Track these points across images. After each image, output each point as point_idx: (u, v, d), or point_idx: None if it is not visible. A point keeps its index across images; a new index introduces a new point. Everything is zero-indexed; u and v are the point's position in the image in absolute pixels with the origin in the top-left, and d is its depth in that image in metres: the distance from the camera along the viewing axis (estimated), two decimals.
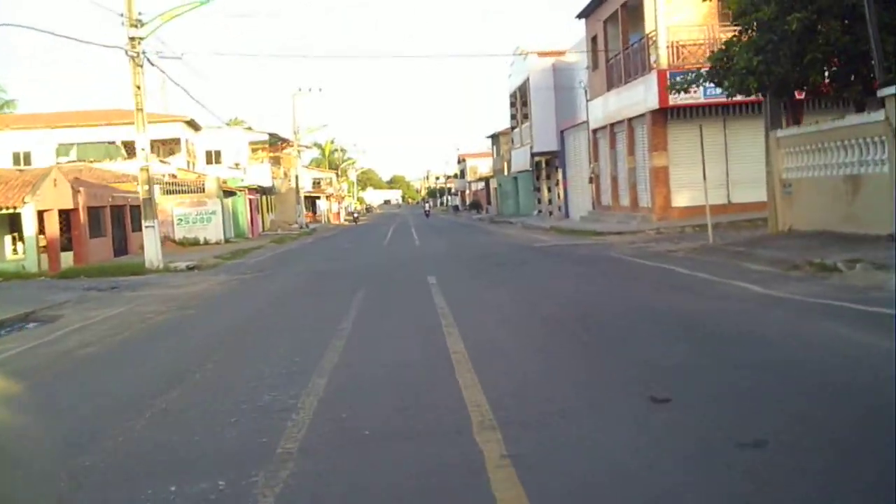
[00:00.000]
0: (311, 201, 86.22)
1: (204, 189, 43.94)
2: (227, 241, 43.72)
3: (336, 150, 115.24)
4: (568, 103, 42.95)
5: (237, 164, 57.31)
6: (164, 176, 44.08)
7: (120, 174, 43.77)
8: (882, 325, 8.40)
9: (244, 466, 5.11)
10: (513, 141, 55.15)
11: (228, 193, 47.15)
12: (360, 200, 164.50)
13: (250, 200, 51.75)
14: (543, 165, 50.11)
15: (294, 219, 73.14)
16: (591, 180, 38.22)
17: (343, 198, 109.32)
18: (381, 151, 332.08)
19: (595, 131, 37.32)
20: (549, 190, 50.01)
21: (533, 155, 46.90)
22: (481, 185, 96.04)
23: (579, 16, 37.61)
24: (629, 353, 7.99)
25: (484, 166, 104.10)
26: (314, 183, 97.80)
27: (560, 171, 45.25)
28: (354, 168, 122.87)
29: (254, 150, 64.30)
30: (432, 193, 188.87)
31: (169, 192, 43.48)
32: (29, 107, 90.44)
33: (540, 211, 52.60)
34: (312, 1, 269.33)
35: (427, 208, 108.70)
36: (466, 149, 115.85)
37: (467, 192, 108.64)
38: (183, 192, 43.76)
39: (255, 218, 52.86)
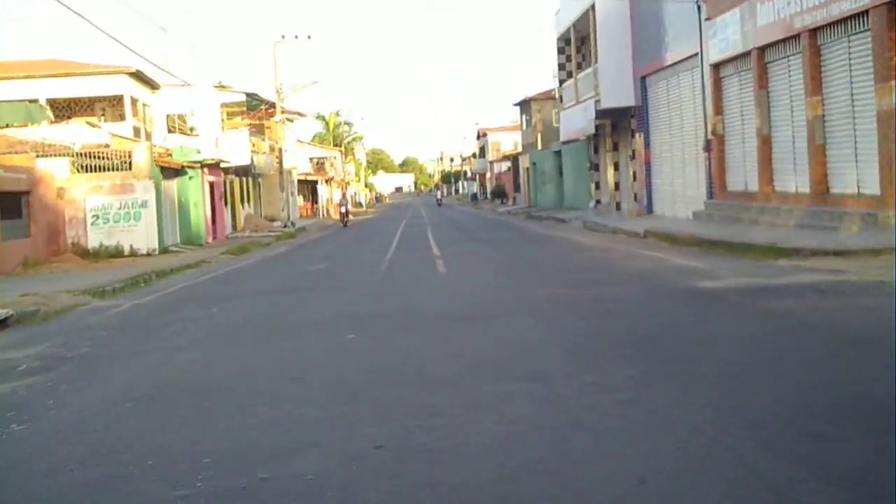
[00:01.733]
0: (311, 187, 72.25)
1: (130, 165, 29.85)
2: (164, 250, 29.78)
3: (341, 123, 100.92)
4: (650, 38, 28.74)
5: (192, 129, 43.31)
6: (73, 144, 29.97)
7: (16, 141, 30.15)
8: None
9: None
10: (561, 99, 40.87)
11: (174, 172, 33.13)
12: (370, 187, 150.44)
13: (211, 185, 37.72)
14: (607, 132, 35.81)
15: (280, 212, 59.11)
16: (706, 147, 24.06)
17: (348, 183, 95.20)
18: (393, 130, 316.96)
19: (719, 66, 23.14)
20: (617, 168, 35.67)
21: (597, 114, 32.65)
22: (505, 165, 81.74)
23: None
24: None
25: (508, 142, 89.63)
26: (316, 164, 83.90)
27: (640, 136, 31.00)
28: (363, 145, 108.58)
29: (230, 116, 50.29)
30: (446, 178, 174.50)
31: (85, 170, 29.59)
32: None
33: (598, 202, 38.36)
34: None
35: (439, 196, 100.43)
36: (488, 123, 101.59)
37: (489, 174, 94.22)
38: (105, 169, 29.73)
39: (219, 212, 38.90)
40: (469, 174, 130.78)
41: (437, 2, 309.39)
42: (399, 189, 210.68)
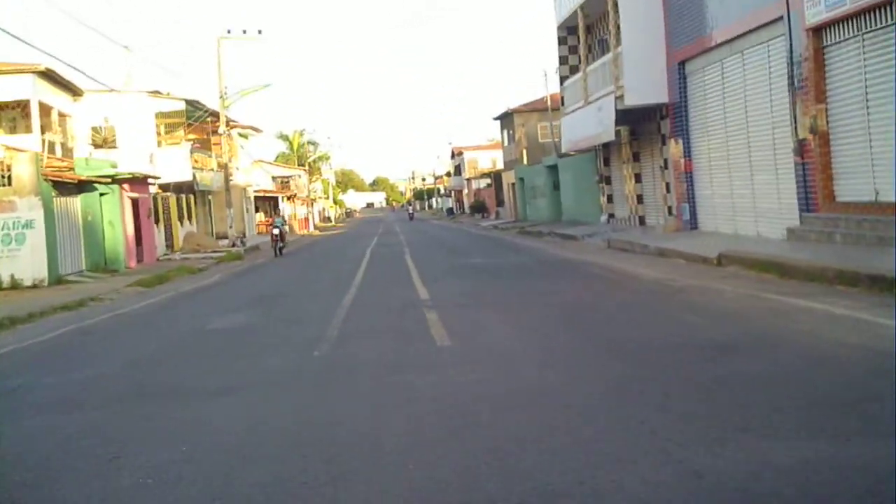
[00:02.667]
0: (272, 204, 64.77)
1: (10, 178, 22.35)
2: (58, 279, 22.23)
3: (307, 143, 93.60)
4: (693, 9, 21.79)
5: (105, 140, 35.82)
6: None
7: None
8: None
9: None
10: (563, 101, 33.76)
11: (77, 188, 25.62)
12: (340, 203, 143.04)
13: (134, 202, 30.12)
14: (624, 140, 28.77)
15: (236, 229, 51.52)
16: (798, 150, 16.95)
17: (314, 200, 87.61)
18: (363, 151, 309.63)
19: (824, 30, 16.03)
20: (639, 179, 28.62)
21: (618, 115, 25.50)
22: (485, 182, 74.75)
23: None
24: None
25: (485, 160, 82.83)
26: (280, 183, 76.57)
27: (676, 143, 23.94)
28: (330, 165, 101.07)
29: (170, 129, 42.80)
30: (419, 196, 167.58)
31: None
32: None
33: (612, 216, 31.33)
34: None
35: (411, 211, 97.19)
36: (462, 142, 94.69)
37: (465, 191, 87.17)
38: None
39: (146, 232, 31.23)
40: (442, 191, 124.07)
41: (406, 19, 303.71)
42: (370, 205, 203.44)
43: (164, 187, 39.86)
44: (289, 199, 65.85)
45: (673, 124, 24.02)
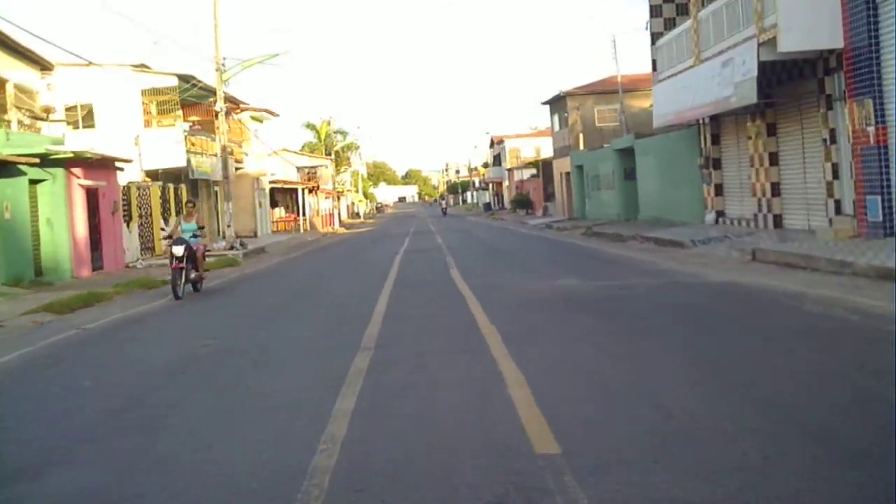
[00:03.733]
0: (292, 196, 57.19)
1: None
2: None
3: (335, 132, 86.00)
4: None
5: (42, 111, 28.25)
6: None
7: None
8: None
9: None
10: (654, 66, 25.67)
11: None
12: (371, 197, 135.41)
13: (89, 192, 22.39)
14: (755, 106, 20.62)
15: (241, 227, 44.14)
16: None
17: (341, 193, 79.98)
18: (395, 143, 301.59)
19: None
20: (775, 161, 20.45)
21: (761, 68, 17.35)
22: (528, 173, 66.67)
23: None
24: None
25: (528, 149, 74.64)
26: (306, 174, 69.24)
27: (861, 103, 15.76)
28: (359, 154, 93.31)
29: (164, 110, 35.24)
30: (453, 189, 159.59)
31: None
32: None
33: (721, 214, 23.26)
34: None
35: (444, 206, 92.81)
36: (502, 130, 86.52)
37: (506, 183, 79.04)
38: None
39: (108, 231, 23.55)
40: (477, 184, 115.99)
41: (439, 8, 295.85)
42: (402, 199, 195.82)
43: (153, 175, 32.45)
44: (311, 191, 58.24)
45: (851, 79, 15.85)
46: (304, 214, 56.30)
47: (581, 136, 46.68)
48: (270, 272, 21.72)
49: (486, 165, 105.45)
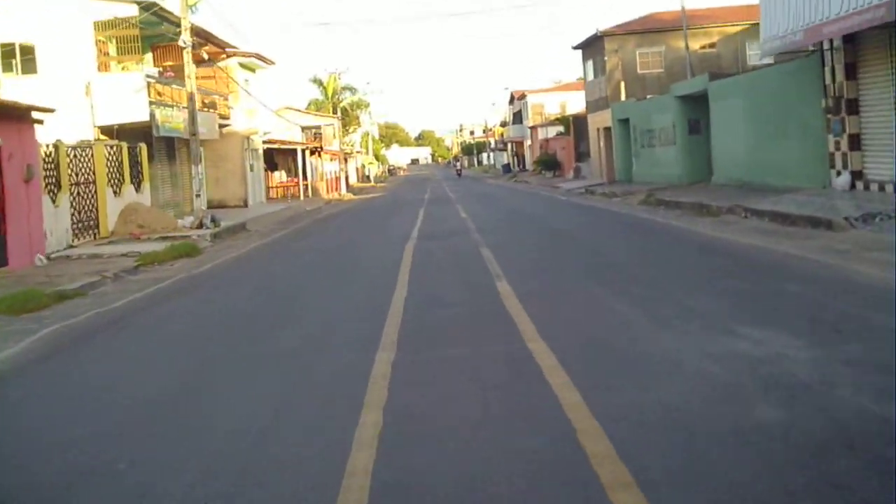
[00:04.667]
0: (294, 159, 50.61)
1: None
2: None
3: (343, 88, 79.04)
4: None
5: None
6: None
7: None
8: None
9: None
10: None
11: None
12: (382, 159, 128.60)
13: None
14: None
15: (217, 196, 37.96)
16: None
17: (348, 155, 73.23)
18: (407, 104, 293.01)
19: None
20: None
21: None
22: (554, 130, 59.74)
23: None
24: None
25: (552, 104, 67.56)
26: (313, 134, 62.69)
27: None
28: (369, 113, 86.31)
29: (125, 51, 28.65)
30: (467, 150, 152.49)
31: None
32: None
33: (857, 176, 16.54)
34: None
35: (458, 167, 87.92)
36: (523, 85, 79.05)
37: (527, 142, 72.05)
38: None
39: (17, 209, 17.10)
40: (493, 145, 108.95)
41: None
42: (415, 161, 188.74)
43: (108, 132, 26.01)
44: (313, 153, 51.54)
45: None
46: (306, 178, 49.78)
47: (623, 84, 39.80)
48: (231, 270, 15.19)
49: (504, 125, 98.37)
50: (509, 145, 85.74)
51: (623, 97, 39.28)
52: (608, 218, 20.18)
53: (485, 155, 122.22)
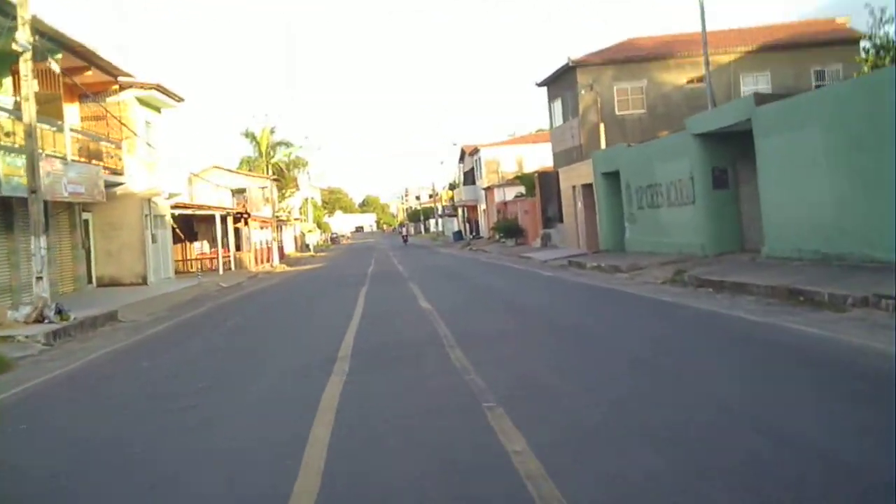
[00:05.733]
0: (223, 227, 42.98)
1: None
2: None
3: (279, 144, 72.03)
4: None
5: None
6: None
7: None
8: None
9: None
10: None
11: None
12: (325, 227, 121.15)
13: None
14: None
15: (132, 270, 30.42)
16: None
17: (283, 222, 65.67)
18: (351, 167, 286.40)
19: None
20: None
21: None
22: (512, 192, 53.21)
23: None
24: None
25: (509, 159, 61.29)
26: (244, 197, 55.44)
27: None
28: (307, 173, 79.06)
29: None
30: (414, 216, 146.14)
31: None
32: None
33: None
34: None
35: (404, 233, 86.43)
36: (474, 140, 72.71)
37: (482, 206, 65.38)
38: None
39: None
40: (441, 210, 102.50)
41: (392, 7, 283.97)
42: (360, 228, 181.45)
43: None
44: (238, 220, 43.98)
45: None
46: (234, 249, 42.21)
47: (602, 127, 33.45)
48: (23, 407, 7.74)
49: (453, 187, 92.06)
50: (460, 210, 79.17)
51: (603, 144, 32.86)
52: (649, 311, 13.14)
53: (432, 221, 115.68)
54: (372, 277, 27.77)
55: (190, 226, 43.80)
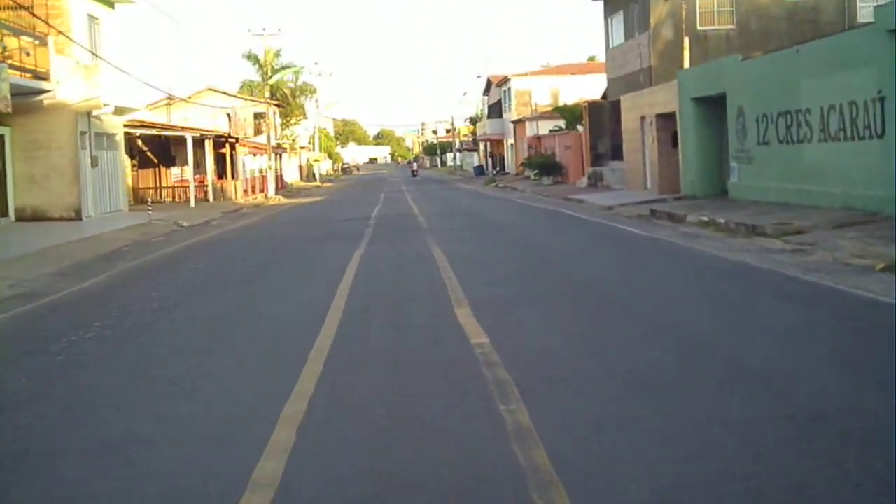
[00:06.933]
0: (200, 151, 35.15)
1: None
2: None
3: (284, 68, 63.42)
4: None
5: None
6: None
7: None
8: None
9: None
10: None
11: None
12: (336, 157, 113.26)
13: None
14: None
15: (61, 201, 22.64)
16: None
17: (283, 150, 57.77)
18: (366, 99, 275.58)
19: None
20: None
21: None
22: (547, 126, 45.03)
23: None
24: None
25: (542, 91, 52.85)
26: (243, 122, 47.77)
27: None
28: (315, 101, 70.69)
29: None
30: (430, 150, 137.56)
31: None
32: None
33: None
34: None
35: (415, 167, 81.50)
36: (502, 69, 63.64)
37: (509, 140, 57.17)
38: None
39: None
40: (458, 145, 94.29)
41: None
42: (373, 160, 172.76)
43: None
44: (223, 144, 36.06)
45: None
46: (212, 177, 34.54)
47: (687, 42, 25.39)
48: None
49: (473, 121, 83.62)
50: (482, 144, 70.86)
51: (687, 63, 24.80)
52: None
53: (449, 155, 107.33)
54: (376, 224, 20.04)
55: (167, 149, 36.17)
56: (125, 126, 27.92)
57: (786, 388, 4.93)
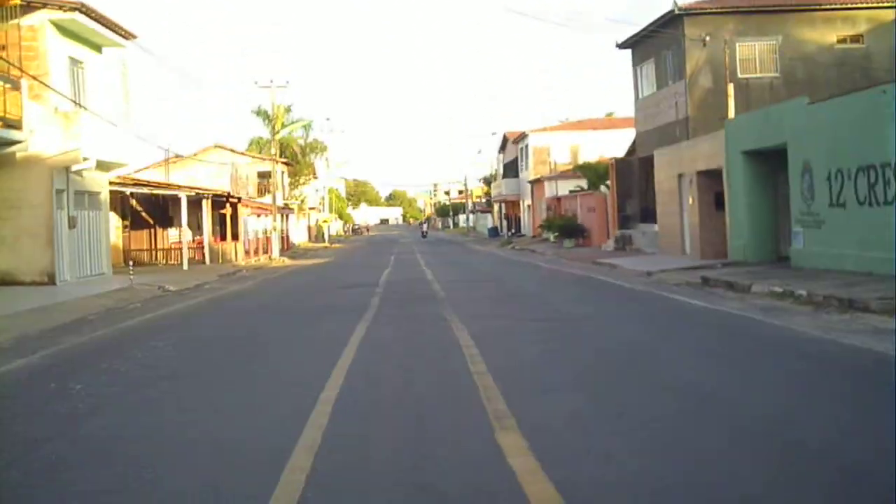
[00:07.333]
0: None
1: None
2: None
3: (295, 122, 61.38)
4: None
5: None
6: None
7: None
8: None
9: None
10: None
11: None
12: (347, 217, 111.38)
13: None
14: None
15: (31, 265, 19.91)
16: None
17: (291, 211, 55.42)
18: (378, 159, 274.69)
19: None
20: None
21: None
22: (567, 186, 42.63)
23: None
24: None
25: (561, 148, 50.71)
26: (256, 177, 46.41)
27: None
28: (325, 159, 68.67)
29: None
30: (442, 212, 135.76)
31: None
32: None
33: None
34: None
35: (424, 228, 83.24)
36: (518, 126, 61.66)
37: (526, 202, 54.68)
38: None
39: None
40: (471, 206, 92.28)
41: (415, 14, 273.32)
42: (385, 221, 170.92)
43: None
44: (224, 204, 33.65)
45: None
46: (209, 238, 32.09)
47: (731, 89, 23.02)
48: None
49: (488, 182, 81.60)
50: (497, 205, 68.52)
51: (732, 112, 22.37)
52: None
53: (461, 216, 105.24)
54: (385, 291, 17.37)
55: (164, 209, 33.86)
56: (114, 183, 25.57)
57: None
